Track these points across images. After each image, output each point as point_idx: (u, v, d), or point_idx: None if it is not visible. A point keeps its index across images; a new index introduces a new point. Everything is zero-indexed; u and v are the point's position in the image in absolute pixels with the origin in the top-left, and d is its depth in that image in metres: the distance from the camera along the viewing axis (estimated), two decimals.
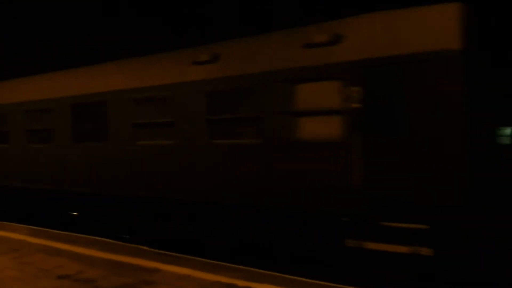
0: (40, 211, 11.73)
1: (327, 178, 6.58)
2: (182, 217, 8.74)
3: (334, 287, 5.61)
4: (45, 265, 6.79)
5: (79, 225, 10.70)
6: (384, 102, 6.09)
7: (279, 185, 7.11)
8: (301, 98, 6.85)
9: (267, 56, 7.40)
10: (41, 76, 12.21)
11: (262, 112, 7.29)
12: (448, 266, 6.21)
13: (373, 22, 6.48)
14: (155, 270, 6.46)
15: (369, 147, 6.21)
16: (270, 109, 7.19)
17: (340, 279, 6.70)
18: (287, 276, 6.09)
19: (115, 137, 9.45)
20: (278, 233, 7.44)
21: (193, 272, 6.29)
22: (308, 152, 6.79)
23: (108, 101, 9.59)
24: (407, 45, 5.95)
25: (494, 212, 6.38)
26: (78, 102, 10.22)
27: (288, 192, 7.02)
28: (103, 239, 8.67)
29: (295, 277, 6.01)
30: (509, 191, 6.82)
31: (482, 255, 6.06)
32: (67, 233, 9.36)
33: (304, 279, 5.96)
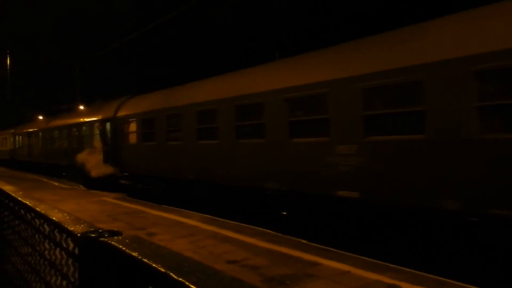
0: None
1: None
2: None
3: None
4: (216, 250, 7.41)
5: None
6: None
7: None
8: None
9: None
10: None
11: None
12: None
13: None
14: (315, 263, 6.50)
15: None
16: None
17: None
18: (454, 282, 5.54)
19: (435, 129, 6.70)
20: None
21: (353, 269, 6.15)
22: None
23: (425, 79, 6.79)
24: None
25: None
26: (372, 85, 7.64)
27: None
28: (268, 231, 9.06)
29: (464, 284, 5.43)
30: None
31: None
32: (235, 223, 10.03)
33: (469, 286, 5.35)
